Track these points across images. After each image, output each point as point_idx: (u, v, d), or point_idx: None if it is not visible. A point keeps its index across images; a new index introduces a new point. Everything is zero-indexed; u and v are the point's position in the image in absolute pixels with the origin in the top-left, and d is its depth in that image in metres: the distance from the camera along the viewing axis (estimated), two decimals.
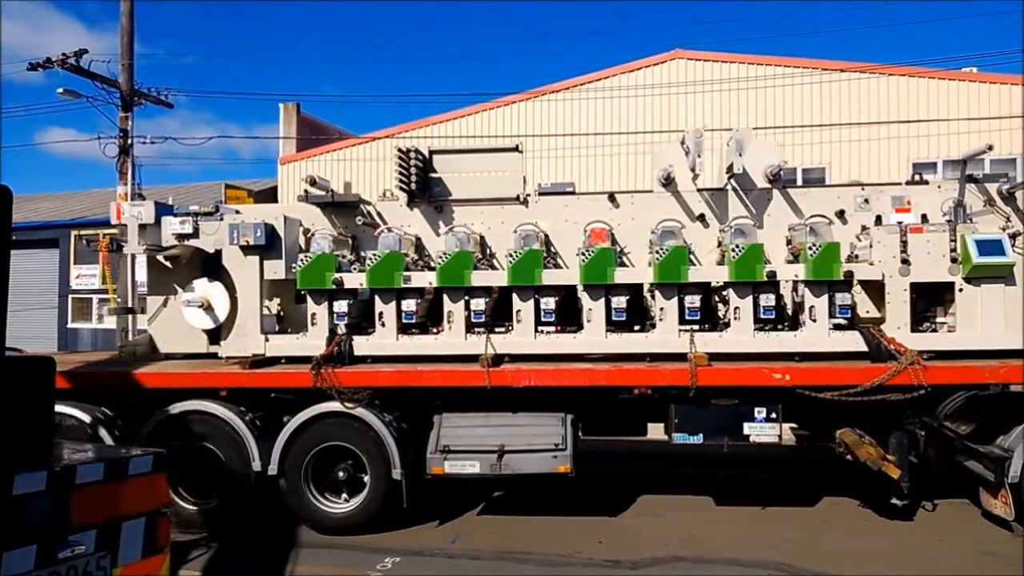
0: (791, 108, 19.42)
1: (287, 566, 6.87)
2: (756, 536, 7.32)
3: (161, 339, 8.86)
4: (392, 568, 6.73)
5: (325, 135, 24.26)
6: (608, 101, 20.38)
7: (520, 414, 7.57)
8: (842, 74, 19.22)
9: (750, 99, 19.64)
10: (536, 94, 21.18)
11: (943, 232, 7.35)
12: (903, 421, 7.37)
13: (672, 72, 20.10)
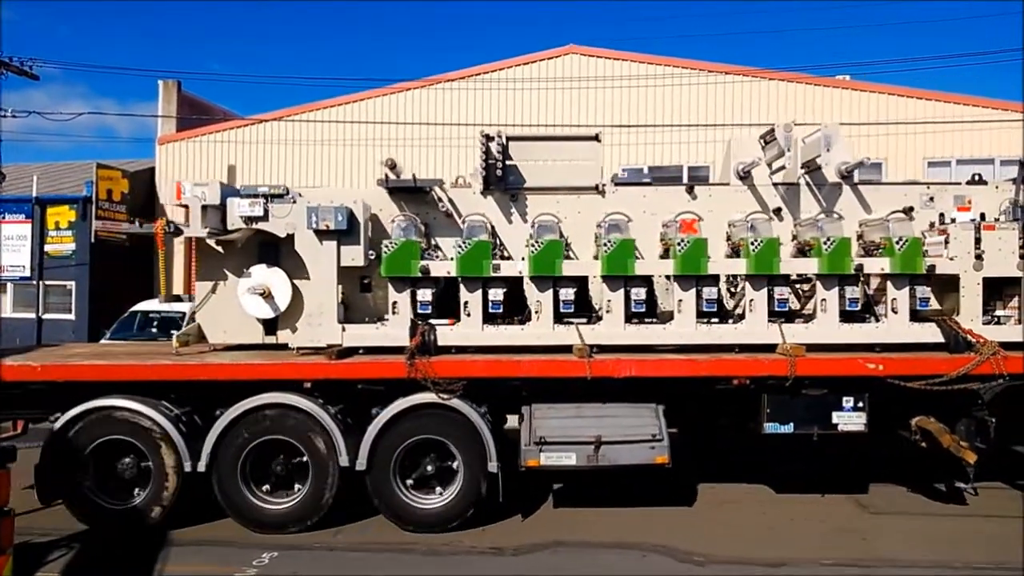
0: (680, 107, 20.03)
1: (156, 566, 6.54)
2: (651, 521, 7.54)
3: (211, 329, 8.34)
4: (269, 564, 6.53)
5: (208, 115, 23.22)
6: (503, 92, 20.43)
7: (611, 405, 7.51)
8: (727, 76, 20.00)
9: (640, 97, 20.10)
10: (431, 82, 20.81)
11: (1013, 230, 7.75)
12: (972, 409, 7.72)
13: (566, 67, 20.39)
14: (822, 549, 6.84)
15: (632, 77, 20.19)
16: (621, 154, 19.61)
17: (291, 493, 7.33)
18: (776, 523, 7.56)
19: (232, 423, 7.15)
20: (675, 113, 20.09)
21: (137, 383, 7.26)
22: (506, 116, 20.13)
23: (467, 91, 20.59)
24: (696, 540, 7.00)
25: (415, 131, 20.03)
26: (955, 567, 6.44)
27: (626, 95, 20.18)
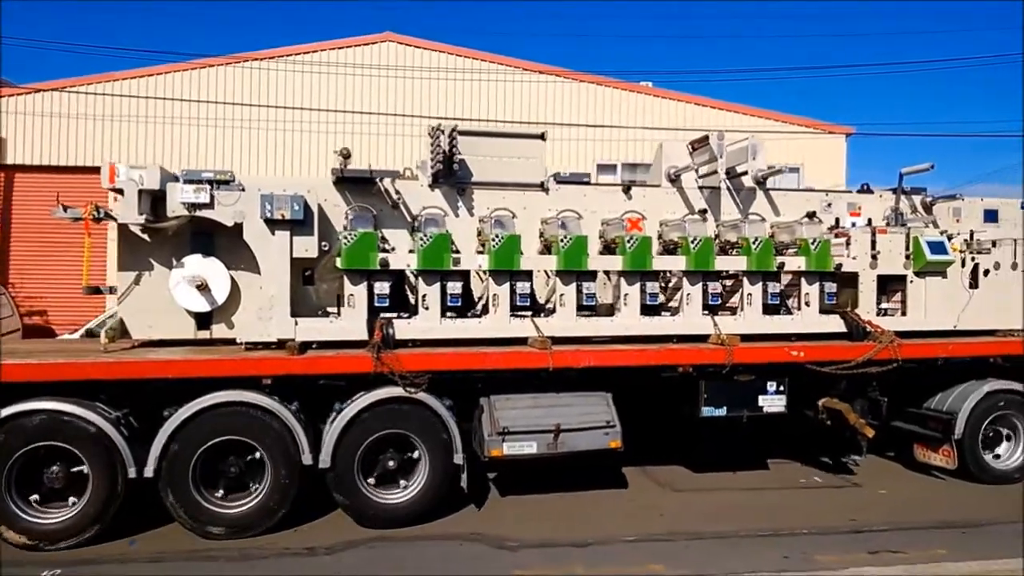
0: (494, 102, 20.39)
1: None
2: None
3: (135, 323, 7.71)
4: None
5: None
6: (315, 76, 19.67)
7: (565, 394, 7.79)
8: (540, 76, 20.71)
9: (456, 89, 20.25)
10: (236, 59, 19.55)
11: (900, 234, 8.90)
12: (867, 391, 8.79)
13: (383, 54, 20.14)
14: (625, 526, 7.32)
15: (449, 69, 20.23)
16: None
17: (246, 495, 6.97)
18: (625, 506, 8.05)
19: (183, 424, 6.68)
20: (490, 108, 20.30)
21: (67, 383, 6.58)
22: (317, 100, 19.39)
23: (276, 72, 19.45)
24: (519, 525, 7.28)
25: (216, 111, 18.73)
26: (729, 535, 7.12)
27: (442, 87, 20.11)
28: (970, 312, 9.03)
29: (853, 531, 7.28)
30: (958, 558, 6.49)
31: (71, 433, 6.47)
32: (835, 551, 6.68)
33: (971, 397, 8.59)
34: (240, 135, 18.93)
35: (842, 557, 6.54)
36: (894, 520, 7.57)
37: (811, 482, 9.02)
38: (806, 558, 6.51)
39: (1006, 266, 9.20)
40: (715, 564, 6.36)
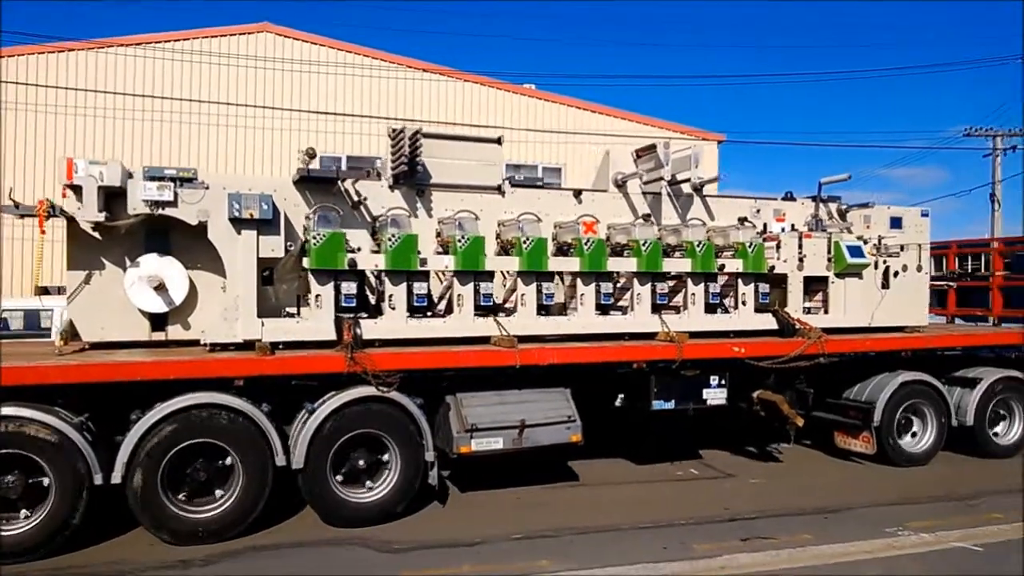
0: (376, 98, 20.37)
1: None
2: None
3: (86, 324, 7.41)
4: None
5: None
6: (187, 65, 19.04)
7: (527, 391, 8.04)
8: (424, 73, 20.93)
9: (337, 84, 20.02)
10: (99, 44, 18.71)
11: (824, 239, 9.67)
12: (795, 383, 9.50)
13: (260, 45, 19.75)
14: (516, 523, 7.35)
15: (330, 64, 19.96)
16: (317, 141, 18.99)
17: (214, 499, 6.83)
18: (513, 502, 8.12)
19: (152, 427, 6.50)
20: (371, 104, 20.18)
21: (27, 388, 6.27)
22: (189, 90, 18.75)
23: (144, 59, 18.59)
24: (412, 528, 7.19)
25: (76, 97, 17.88)
26: (613, 529, 7.25)
27: (322, 81, 19.85)
28: (882, 310, 9.93)
29: (728, 519, 7.60)
30: (822, 541, 6.87)
31: (34, 440, 6.17)
32: (711, 540, 6.94)
33: (887, 387, 9.45)
34: (105, 124, 18.03)
35: (717, 545, 6.79)
36: (765, 508, 7.92)
37: (687, 474, 9.36)
38: (684, 547, 6.74)
39: (912, 269, 10.16)
40: (599, 557, 6.50)
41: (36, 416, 6.18)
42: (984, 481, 9.08)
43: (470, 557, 6.54)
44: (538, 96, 22.03)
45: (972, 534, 7.14)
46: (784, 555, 6.57)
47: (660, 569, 6.24)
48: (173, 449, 6.58)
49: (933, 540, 6.99)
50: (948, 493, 8.54)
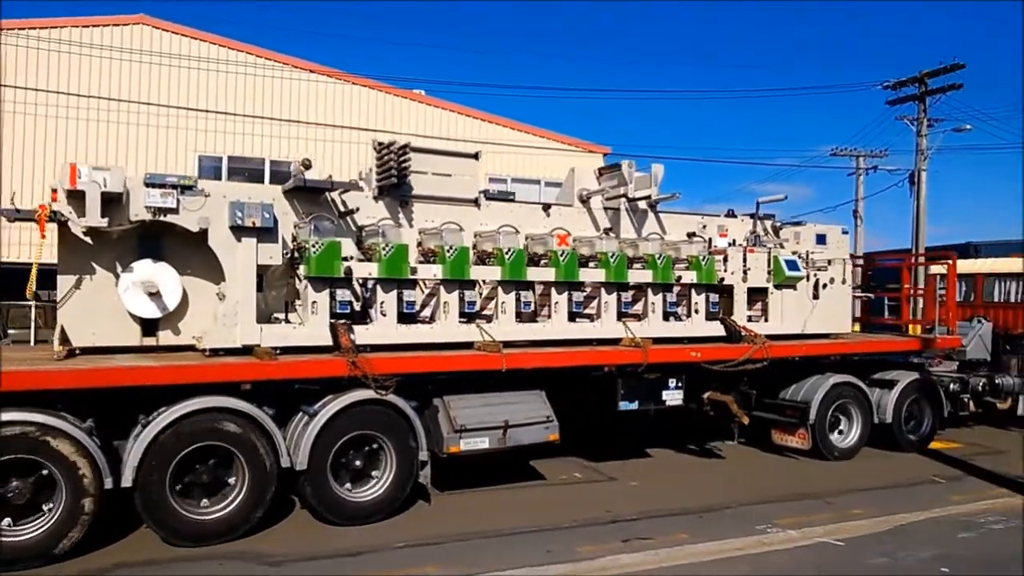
0: (260, 97, 19.84)
1: None
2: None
3: (77, 330, 7.38)
4: None
5: None
6: (56, 55, 18.22)
7: (506, 393, 8.52)
8: (311, 74, 20.47)
9: (220, 81, 19.47)
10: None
11: (764, 253, 10.61)
12: (740, 385, 10.37)
13: (136, 37, 19.15)
14: (405, 530, 7.36)
15: (212, 60, 19.40)
16: (196, 140, 18.89)
17: (220, 501, 6.97)
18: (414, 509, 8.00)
19: (161, 432, 6.60)
20: (255, 103, 19.69)
21: (33, 393, 6.27)
22: (58, 82, 17.84)
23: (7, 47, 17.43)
24: (295, 539, 7.05)
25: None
26: (499, 534, 7.36)
27: (203, 78, 19.27)
28: (813, 319, 10.96)
29: (610, 521, 7.79)
30: (697, 540, 7.14)
31: (29, 446, 6.17)
32: (594, 542, 7.08)
33: (820, 388, 10.47)
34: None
35: (600, 546, 6.94)
36: (645, 509, 8.17)
37: (571, 478, 9.53)
38: (568, 550, 6.85)
39: (838, 281, 11.27)
40: (485, 562, 6.50)
41: (50, 422, 6.18)
42: (843, 480, 9.68)
43: (352, 567, 6.46)
44: (428, 102, 22.08)
45: (834, 529, 7.58)
46: (663, 554, 6.79)
47: (544, 571, 6.32)
48: (181, 452, 6.70)
49: (799, 536, 7.38)
50: (811, 491, 9.07)
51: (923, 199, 25.94)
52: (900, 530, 7.64)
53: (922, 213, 25.91)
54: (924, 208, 25.96)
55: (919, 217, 25.87)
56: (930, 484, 9.68)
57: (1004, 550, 7.11)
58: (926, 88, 25.78)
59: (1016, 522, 7.93)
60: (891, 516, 8.04)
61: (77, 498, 6.30)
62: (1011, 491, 9.26)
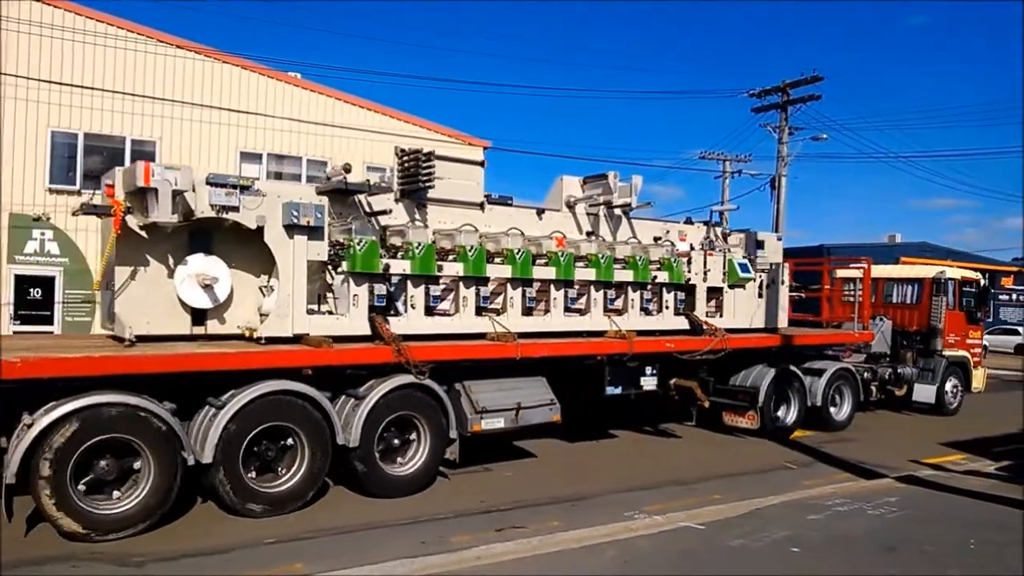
0: (123, 72, 18.50)
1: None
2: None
3: (133, 318, 7.79)
4: None
5: None
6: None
7: (513, 379, 9.48)
8: (178, 50, 19.22)
9: (77, 52, 18.00)
10: None
11: (720, 256, 12.05)
12: (699, 372, 11.76)
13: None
14: (277, 527, 7.16)
15: (65, 28, 17.76)
16: (50, 114, 17.58)
17: (281, 476, 7.62)
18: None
19: (237, 412, 7.20)
20: (115, 77, 18.25)
21: (123, 377, 6.75)
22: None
23: None
24: (150, 539, 6.71)
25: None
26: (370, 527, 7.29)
27: (58, 47, 17.62)
28: (759, 315, 12.54)
29: (484, 511, 7.89)
30: (568, 527, 7.29)
31: (127, 427, 6.67)
32: (468, 532, 7.14)
33: (767, 376, 12.02)
34: None
35: (473, 536, 6.99)
36: (519, 499, 8.36)
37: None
38: (442, 541, 6.88)
39: (778, 282, 12.88)
40: (357, 556, 6.41)
41: (144, 404, 6.69)
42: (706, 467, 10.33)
43: (217, 567, 6.25)
44: (303, 86, 21.19)
45: (696, 514, 7.87)
46: (535, 542, 6.86)
47: (417, 563, 6.26)
48: (252, 432, 7.32)
49: (663, 521, 7.63)
50: (678, 478, 9.57)
51: (783, 203, 27.50)
52: (756, 513, 7.95)
53: (782, 216, 27.53)
54: (784, 211, 27.53)
55: (779, 219, 27.50)
56: (784, 470, 10.35)
57: (848, 530, 7.45)
58: (788, 98, 27.00)
59: (859, 504, 8.41)
60: (748, 501, 8.37)
61: (167, 478, 6.83)
62: (855, 476, 10.03)
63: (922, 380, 15.54)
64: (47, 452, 6.31)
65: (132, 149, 18.26)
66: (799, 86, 26.70)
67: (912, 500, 8.70)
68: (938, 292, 15.72)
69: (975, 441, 12.81)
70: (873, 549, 6.93)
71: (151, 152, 18.45)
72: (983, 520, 7.94)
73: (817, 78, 26.01)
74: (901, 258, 31.88)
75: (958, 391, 16.08)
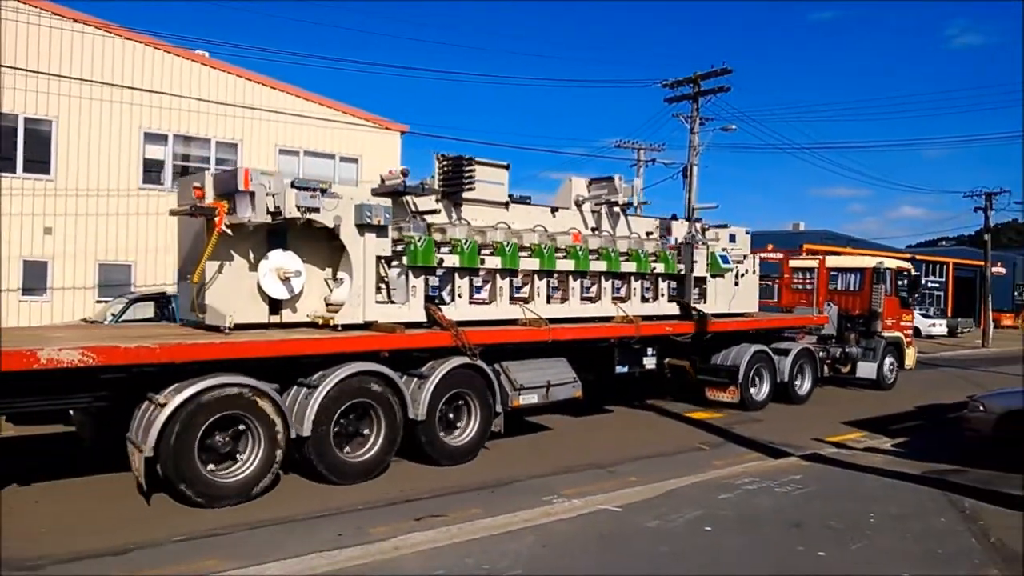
0: (21, 47, 17.44)
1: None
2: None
3: (223, 308, 8.58)
4: None
5: None
6: None
7: (539, 360, 10.66)
8: (75, 24, 18.26)
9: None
10: None
11: (704, 249, 13.49)
12: (688, 353, 13.21)
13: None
14: (177, 525, 6.90)
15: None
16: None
17: (363, 448, 8.60)
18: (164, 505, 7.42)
19: (330, 391, 8.13)
20: (7, 52, 16.90)
21: (233, 361, 7.62)
22: None
23: None
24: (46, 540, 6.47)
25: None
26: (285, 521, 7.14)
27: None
28: (735, 301, 14.08)
29: (403, 501, 7.88)
30: (488, 514, 7.25)
31: (245, 404, 7.57)
32: (386, 522, 7.08)
33: (745, 355, 13.57)
34: None
35: (392, 527, 6.91)
36: (439, 487, 8.38)
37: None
38: (360, 532, 6.77)
39: (750, 272, 14.45)
40: (273, 551, 6.22)
41: (258, 385, 7.59)
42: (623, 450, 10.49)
43: (120, 566, 5.98)
44: (212, 65, 20.51)
45: (613, 496, 7.93)
46: (455, 530, 6.80)
47: (335, 556, 6.09)
48: (340, 408, 8.28)
49: (581, 504, 7.69)
50: (596, 461, 9.77)
51: (694, 191, 27.53)
52: (671, 494, 8.05)
53: (693, 204, 27.56)
54: (695, 199, 27.58)
55: (691, 207, 27.80)
56: (696, 451, 10.70)
57: (757, 508, 7.66)
58: (699, 89, 26.91)
59: (767, 483, 8.60)
60: (663, 482, 8.49)
61: (272, 449, 7.74)
62: (763, 455, 10.36)
63: (865, 359, 17.47)
64: (177, 426, 7.15)
65: (25, 128, 17.67)
66: (709, 78, 26.73)
67: (816, 477, 8.95)
68: (877, 280, 17.69)
69: (874, 420, 13.44)
70: (781, 525, 7.04)
71: (47, 132, 17.99)
72: (881, 495, 8.22)
73: (727, 70, 26.14)
74: (804, 245, 34.04)
75: (894, 368, 18.12)
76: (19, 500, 7.57)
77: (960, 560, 6.23)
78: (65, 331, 9.67)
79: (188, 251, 9.05)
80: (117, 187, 19.03)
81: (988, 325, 38.09)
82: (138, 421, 7.31)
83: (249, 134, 20.74)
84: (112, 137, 18.96)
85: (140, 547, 6.35)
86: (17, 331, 9.65)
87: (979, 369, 23.94)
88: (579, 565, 6.04)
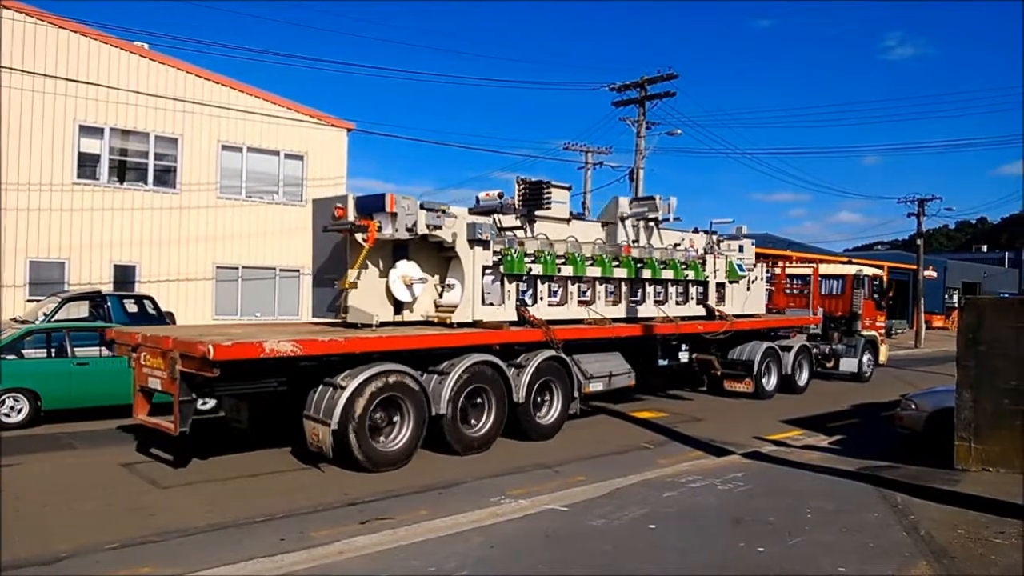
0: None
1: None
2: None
3: (364, 309, 10.21)
4: None
5: None
6: None
7: (598, 353, 12.55)
8: (7, 12, 17.76)
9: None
10: None
11: (724, 258, 15.55)
12: (710, 349, 15.24)
13: None
14: (108, 532, 6.76)
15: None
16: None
17: (477, 424, 10.35)
18: (106, 510, 7.44)
19: (459, 377, 9.88)
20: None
21: (387, 352, 9.33)
22: None
23: None
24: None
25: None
26: (225, 526, 7.01)
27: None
28: (748, 304, 16.18)
29: (347, 504, 7.81)
30: (435, 516, 7.25)
31: (401, 388, 9.28)
32: (330, 525, 7.02)
33: (759, 350, 15.67)
34: None
35: (336, 529, 6.86)
36: (383, 490, 8.32)
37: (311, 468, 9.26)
38: (303, 536, 6.68)
39: (759, 278, 16.57)
40: (210, 557, 6.10)
41: (410, 371, 9.31)
42: (570, 450, 10.60)
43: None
44: (151, 57, 20.08)
45: (560, 496, 7.98)
46: (401, 532, 6.72)
47: (277, 561, 5.96)
48: (465, 391, 10.03)
49: (528, 504, 7.69)
50: (542, 461, 9.85)
51: (640, 194, 27.74)
52: (616, 493, 8.08)
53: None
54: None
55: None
56: (641, 450, 10.84)
57: (700, 505, 7.69)
58: (645, 93, 27.05)
59: (710, 480, 8.68)
60: (609, 481, 8.55)
61: (420, 425, 9.45)
62: (706, 453, 10.55)
63: (847, 355, 19.78)
64: (355, 403, 8.81)
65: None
66: (656, 82, 26.75)
67: (757, 475, 9.07)
68: (857, 286, 20.05)
69: (812, 418, 13.82)
70: (722, 522, 7.12)
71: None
72: (818, 491, 8.31)
73: (672, 75, 26.20)
74: (795, 254, 37.04)
75: (871, 363, 20.48)
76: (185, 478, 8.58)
77: (892, 553, 6.30)
78: (240, 328, 11.19)
79: (325, 261, 10.68)
80: (50, 181, 18.63)
81: (921, 326, 39.41)
82: (316, 401, 8.95)
83: (190, 129, 20.38)
84: (45, 130, 18.46)
85: (74, 555, 6.21)
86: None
87: (912, 369, 24.83)
88: (526, 565, 5.95)
